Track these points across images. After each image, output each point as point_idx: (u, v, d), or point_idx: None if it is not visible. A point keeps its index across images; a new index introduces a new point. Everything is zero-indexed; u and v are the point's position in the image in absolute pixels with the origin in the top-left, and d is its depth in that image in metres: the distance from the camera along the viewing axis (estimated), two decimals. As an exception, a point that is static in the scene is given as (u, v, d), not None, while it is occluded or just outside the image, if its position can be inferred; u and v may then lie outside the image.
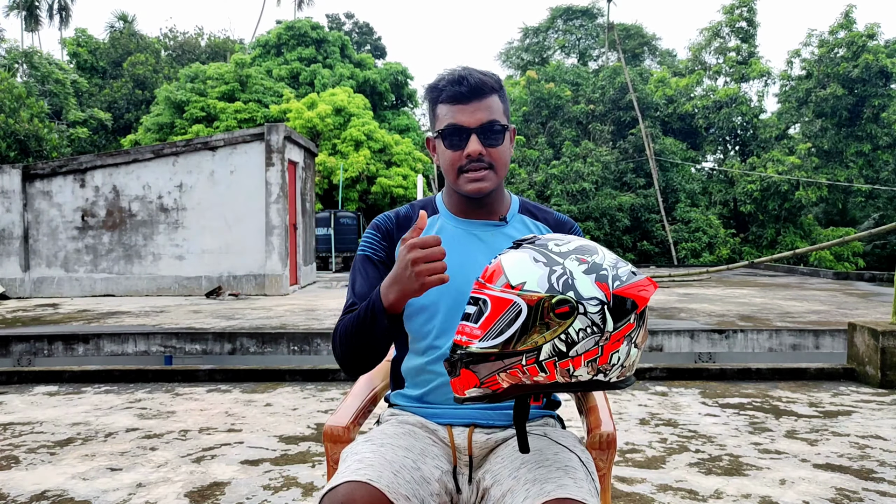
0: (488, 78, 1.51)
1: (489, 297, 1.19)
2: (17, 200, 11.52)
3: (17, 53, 26.47)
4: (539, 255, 1.22)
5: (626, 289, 1.18)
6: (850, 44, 22.36)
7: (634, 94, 23.94)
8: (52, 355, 6.67)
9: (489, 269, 1.23)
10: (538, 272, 1.18)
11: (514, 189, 22.82)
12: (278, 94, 24.64)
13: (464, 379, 1.21)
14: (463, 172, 1.51)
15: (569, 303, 1.15)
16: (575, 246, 1.24)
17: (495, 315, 1.18)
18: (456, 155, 1.51)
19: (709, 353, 6.57)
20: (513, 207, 1.64)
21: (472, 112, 1.48)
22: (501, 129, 1.51)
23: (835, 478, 3.14)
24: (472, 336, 1.19)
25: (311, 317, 8.24)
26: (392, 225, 1.62)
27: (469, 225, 1.59)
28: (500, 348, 1.17)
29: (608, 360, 1.18)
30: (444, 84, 1.51)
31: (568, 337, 1.15)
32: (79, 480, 3.15)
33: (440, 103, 1.52)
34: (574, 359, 1.16)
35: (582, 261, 1.20)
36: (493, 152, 1.50)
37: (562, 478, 1.30)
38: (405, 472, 1.33)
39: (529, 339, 1.16)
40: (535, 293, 1.16)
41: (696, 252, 22.13)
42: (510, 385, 1.20)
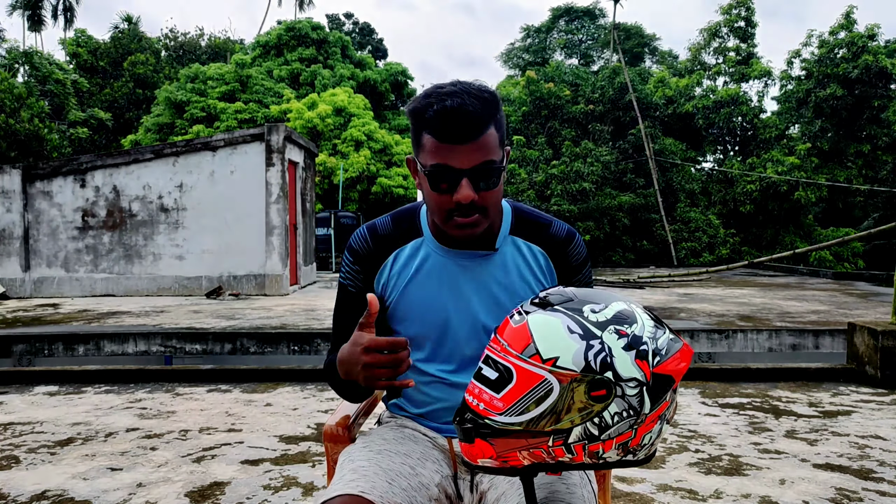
0: (484, 106, 1.27)
1: (515, 368, 1.06)
2: (17, 200, 11.52)
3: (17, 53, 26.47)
4: (574, 323, 1.07)
5: (667, 364, 1.08)
6: (851, 44, 22.35)
7: (634, 94, 23.94)
8: (53, 355, 6.67)
9: (511, 330, 1.10)
10: (573, 346, 1.05)
11: (514, 189, 22.83)
12: (279, 94, 24.65)
13: (478, 448, 1.11)
14: (451, 217, 1.32)
15: (606, 385, 1.05)
16: (613, 314, 1.10)
17: (522, 389, 1.06)
18: (444, 199, 1.31)
19: (709, 353, 6.58)
20: (503, 229, 1.46)
21: (464, 153, 1.27)
22: (498, 170, 1.31)
23: (834, 478, 3.14)
24: (493, 407, 1.07)
25: (311, 317, 8.24)
26: (368, 247, 1.48)
27: (456, 255, 1.45)
28: (525, 426, 1.06)
29: (640, 441, 1.10)
30: (431, 114, 1.27)
31: (602, 421, 1.06)
32: (79, 480, 3.15)
33: (426, 132, 1.29)
34: (605, 442, 1.08)
35: (621, 334, 1.07)
36: (486, 196, 1.31)
37: (554, 483, 1.30)
38: (401, 480, 1.33)
39: (559, 420, 1.06)
40: (570, 371, 1.04)
41: (695, 252, 22.13)
42: (531, 463, 1.11)
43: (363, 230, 1.50)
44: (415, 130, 1.34)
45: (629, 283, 13.64)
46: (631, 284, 13.41)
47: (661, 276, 15.01)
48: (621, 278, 14.58)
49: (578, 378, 1.04)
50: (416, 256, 1.46)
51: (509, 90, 27.86)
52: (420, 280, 1.45)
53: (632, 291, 12.04)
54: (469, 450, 1.12)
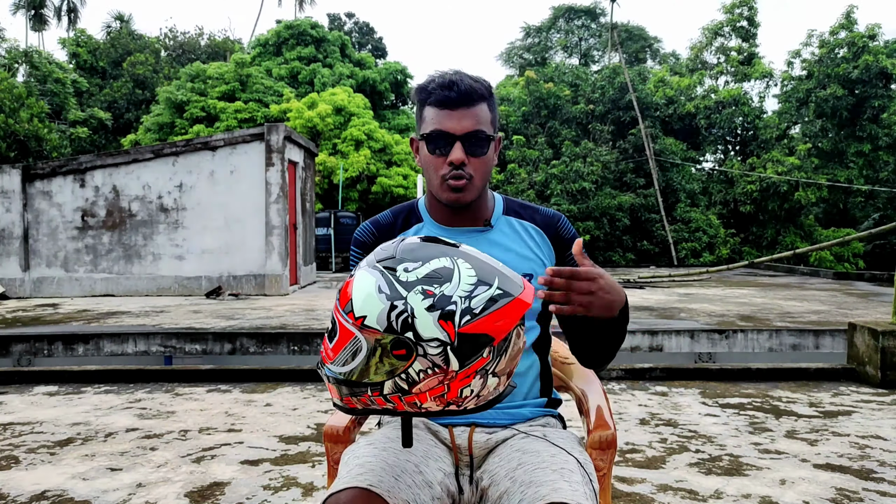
0: (479, 85, 1.48)
1: (338, 323, 1.14)
2: (17, 200, 11.51)
3: (17, 53, 26.47)
4: (385, 282, 1.12)
5: (479, 323, 1.09)
6: (851, 44, 22.35)
7: (634, 93, 23.94)
8: (52, 355, 6.67)
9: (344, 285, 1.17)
10: (379, 307, 1.10)
11: (514, 189, 22.82)
12: (278, 93, 24.64)
13: (330, 387, 1.19)
14: (444, 180, 1.48)
15: (406, 344, 1.09)
16: (426, 272, 1.12)
17: (342, 343, 1.13)
18: (438, 161, 1.48)
19: (709, 353, 6.57)
20: (497, 210, 1.60)
21: (458, 119, 1.46)
22: (487, 138, 1.48)
23: (835, 478, 3.14)
24: (328, 356, 1.16)
25: (311, 317, 8.24)
26: (372, 236, 1.60)
27: (452, 233, 1.55)
28: (346, 377, 1.14)
29: (458, 394, 1.13)
30: (433, 87, 1.48)
31: (408, 377, 1.10)
32: (79, 480, 3.15)
33: (427, 106, 1.49)
34: (419, 395, 1.12)
35: (428, 293, 1.10)
36: (475, 162, 1.48)
37: (557, 481, 1.30)
38: (406, 477, 1.34)
39: (370, 375, 1.12)
40: (374, 329, 1.09)
41: (696, 252, 22.13)
42: (363, 407, 1.18)
43: (367, 224, 1.63)
44: (419, 108, 1.53)
45: (629, 283, 13.64)
46: (631, 284, 13.41)
47: (662, 276, 15.01)
48: (621, 278, 14.58)
49: (381, 337, 1.09)
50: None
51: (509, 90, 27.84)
52: None
53: (632, 291, 12.04)
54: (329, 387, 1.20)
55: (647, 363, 5.59)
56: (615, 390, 4.94)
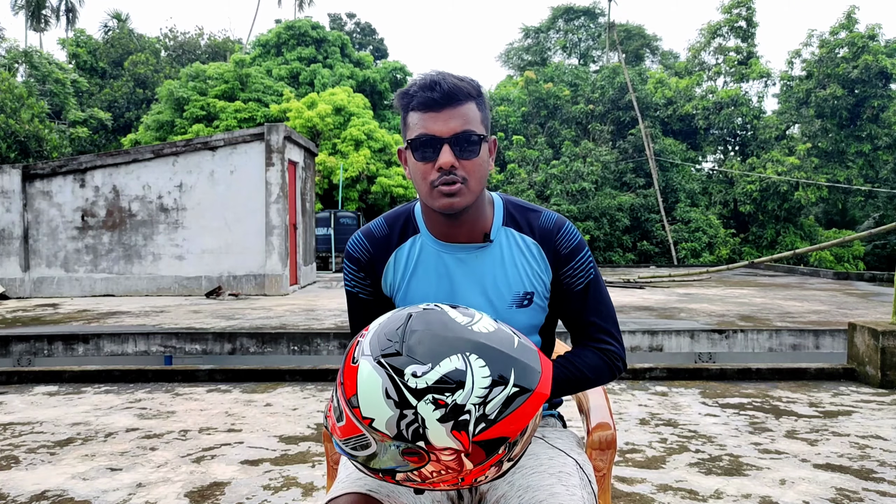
0: (465, 84, 1.38)
1: (345, 414, 1.10)
2: (17, 200, 11.51)
3: (17, 53, 26.46)
4: (392, 387, 1.05)
5: (495, 429, 1.06)
6: (851, 44, 22.35)
7: (634, 94, 23.94)
8: (52, 355, 6.67)
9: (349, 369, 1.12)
10: (387, 413, 1.05)
11: (514, 189, 22.82)
12: (278, 93, 24.64)
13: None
14: (434, 187, 1.37)
15: (418, 453, 1.06)
16: (437, 378, 1.05)
17: (348, 433, 1.11)
18: (427, 167, 1.37)
19: (709, 353, 6.57)
20: (496, 221, 1.49)
21: (444, 120, 1.35)
22: (477, 139, 1.37)
23: (835, 478, 3.14)
24: (335, 432, 1.14)
25: (311, 317, 8.24)
26: (370, 254, 1.50)
27: (452, 248, 1.46)
28: (355, 459, 1.14)
29: (472, 481, 1.13)
30: (414, 90, 1.38)
31: (420, 474, 1.10)
32: (79, 480, 3.15)
33: (411, 111, 1.39)
34: (433, 483, 1.12)
35: (440, 403, 1.04)
36: (467, 165, 1.36)
37: (554, 486, 1.29)
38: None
39: (381, 465, 1.11)
40: (384, 434, 1.06)
41: (696, 252, 22.13)
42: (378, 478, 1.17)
43: (359, 236, 1.52)
44: (402, 115, 1.43)
45: (629, 283, 13.64)
46: (631, 284, 13.41)
47: (661, 276, 15.01)
48: (621, 278, 14.58)
49: (391, 441, 1.07)
50: (414, 253, 1.49)
51: (509, 90, 27.85)
52: (419, 275, 1.48)
53: (632, 291, 12.04)
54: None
55: (647, 363, 5.59)
56: (615, 390, 4.94)
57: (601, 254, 22.32)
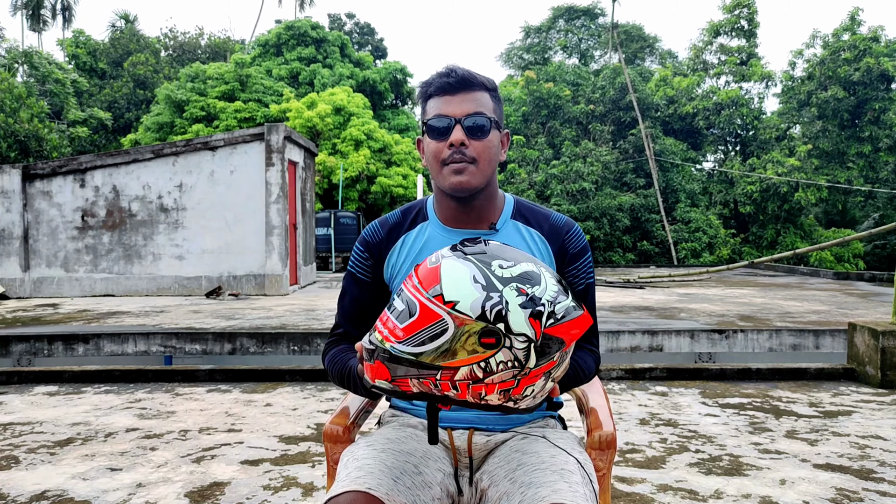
0: (481, 76, 1.49)
1: (419, 303, 1.14)
2: (17, 200, 11.51)
3: (16, 53, 26.47)
4: (480, 274, 1.15)
5: (559, 328, 1.15)
6: (853, 47, 22.36)
7: (634, 94, 23.94)
8: (52, 355, 6.67)
9: (426, 269, 1.18)
10: (474, 295, 1.12)
11: (514, 189, 22.81)
12: (278, 93, 24.64)
13: (377, 369, 1.18)
14: (445, 165, 1.45)
15: (496, 335, 1.12)
16: (520, 272, 1.17)
17: (421, 324, 1.13)
18: (440, 146, 1.45)
19: (709, 353, 6.57)
20: (505, 212, 1.55)
21: (458, 103, 1.44)
22: (488, 121, 1.45)
23: (835, 478, 3.14)
24: (394, 335, 1.15)
25: (311, 317, 8.24)
26: (381, 237, 1.57)
27: (457, 234, 1.52)
28: (418, 357, 1.14)
29: (521, 391, 1.17)
30: (433, 77, 1.49)
31: (487, 366, 1.13)
32: (79, 480, 3.15)
33: (429, 98, 1.49)
34: (488, 385, 1.15)
35: (521, 292, 1.14)
36: (476, 145, 1.44)
37: (557, 482, 1.30)
38: (406, 478, 1.34)
39: (449, 358, 1.13)
40: (466, 316, 1.11)
41: (696, 252, 22.13)
42: (419, 391, 1.18)
43: (375, 223, 1.61)
44: (422, 104, 1.52)
45: (629, 283, 13.64)
46: (631, 284, 13.40)
47: (662, 276, 15.00)
48: (621, 278, 14.57)
49: (472, 324, 1.12)
50: (420, 238, 1.56)
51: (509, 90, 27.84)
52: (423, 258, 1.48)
53: (632, 291, 12.04)
54: (370, 369, 1.20)
55: (647, 363, 5.59)
56: (615, 390, 4.94)
57: (601, 254, 22.32)
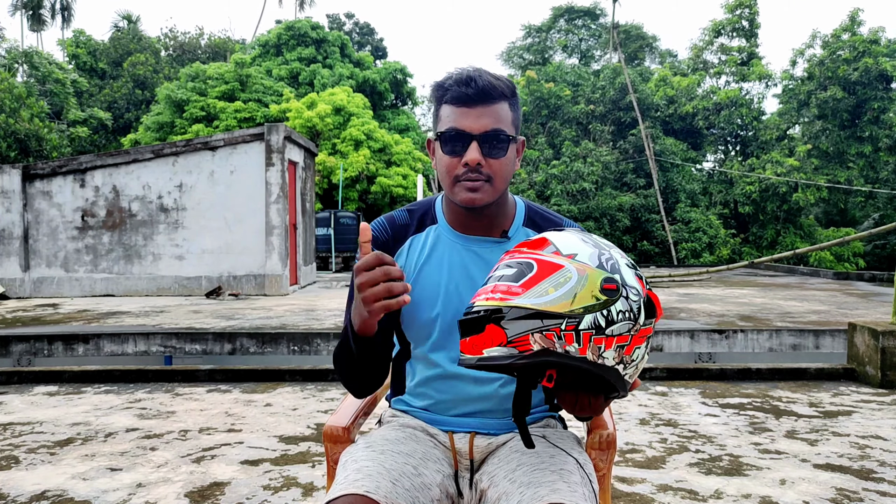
0: (500, 83, 1.40)
1: (536, 261, 1.18)
2: (17, 200, 11.51)
3: (16, 53, 26.48)
4: (587, 238, 1.25)
5: (653, 295, 1.22)
6: (852, 47, 22.37)
7: (634, 94, 23.94)
8: (52, 355, 6.67)
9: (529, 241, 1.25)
10: (588, 250, 1.20)
11: (514, 189, 22.82)
12: (278, 93, 24.65)
13: (487, 336, 1.14)
14: (458, 181, 1.39)
15: (616, 282, 1.17)
16: (615, 247, 1.27)
17: (543, 276, 1.16)
18: (453, 161, 1.39)
19: (709, 353, 6.57)
20: (517, 220, 1.52)
21: (476, 117, 1.37)
22: (507, 139, 1.39)
23: (835, 478, 3.14)
24: (511, 293, 1.15)
25: (311, 317, 8.24)
26: (387, 235, 1.53)
27: (468, 240, 1.49)
28: (543, 306, 1.13)
29: (632, 352, 1.19)
30: (450, 83, 1.40)
31: (609, 314, 1.15)
32: (79, 480, 3.15)
33: (444, 103, 1.41)
34: (608, 339, 1.15)
35: (623, 256, 1.24)
36: (493, 164, 1.38)
37: (556, 482, 1.30)
38: (405, 480, 1.33)
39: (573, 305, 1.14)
40: (587, 265, 1.17)
41: (696, 252, 22.13)
42: (541, 348, 1.14)
43: (381, 220, 1.56)
44: (435, 106, 1.45)
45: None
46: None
47: (661, 276, 15.01)
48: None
49: (593, 270, 1.17)
50: (428, 241, 1.51)
51: (509, 90, 27.81)
52: (433, 264, 1.49)
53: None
54: (476, 342, 1.16)
55: (648, 363, 5.59)
56: (615, 390, 4.93)
57: (601, 254, 22.31)
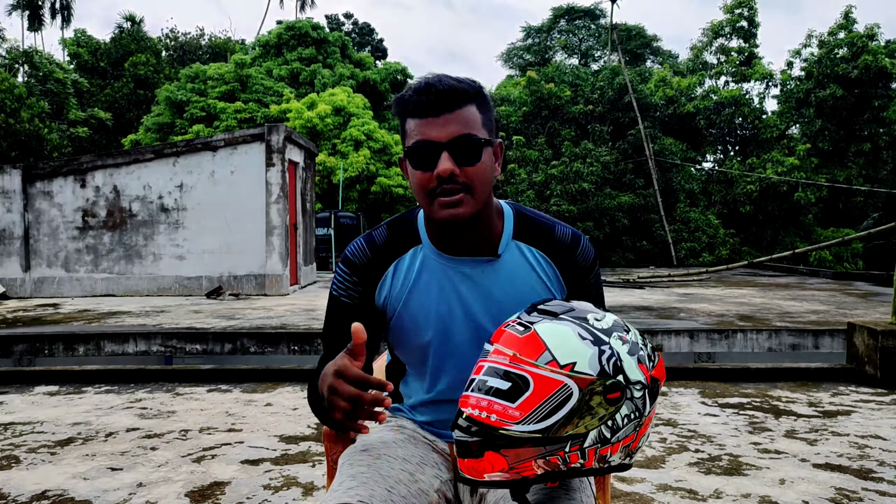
0: (463, 85, 1.29)
1: (532, 375, 1.07)
2: (17, 200, 11.52)
3: (17, 53, 26.48)
4: (584, 330, 1.11)
5: (657, 370, 1.16)
6: (850, 45, 22.35)
7: (634, 94, 23.92)
8: (53, 355, 6.67)
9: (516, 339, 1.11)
10: (588, 352, 1.09)
11: (514, 189, 22.81)
12: (278, 94, 24.65)
13: (486, 462, 1.08)
14: (434, 197, 1.28)
15: (620, 388, 1.09)
16: (612, 322, 1.16)
17: (541, 396, 1.06)
18: (425, 176, 1.28)
19: (708, 353, 6.58)
20: (505, 233, 1.40)
21: (442, 126, 1.26)
22: (478, 143, 1.28)
23: (834, 477, 3.14)
24: (509, 417, 1.06)
25: (311, 317, 8.24)
26: (365, 258, 1.41)
27: (456, 262, 1.39)
28: (545, 433, 1.06)
29: (638, 443, 1.15)
30: (409, 94, 1.29)
31: (614, 423, 1.09)
32: (79, 480, 3.15)
33: (408, 119, 1.30)
34: (613, 445, 1.11)
35: (623, 340, 1.13)
36: (469, 171, 1.27)
37: (553, 489, 1.29)
38: (400, 487, 1.31)
39: (576, 426, 1.07)
40: (587, 375, 1.07)
41: (695, 252, 22.12)
42: (545, 472, 1.10)
43: (360, 242, 1.44)
44: (400, 123, 1.35)
45: (629, 283, 13.64)
46: (631, 284, 13.41)
47: (661, 276, 15.01)
48: (621, 278, 14.57)
49: (595, 382, 1.08)
50: (415, 265, 1.41)
51: (510, 90, 27.85)
52: (420, 289, 1.40)
53: (631, 291, 12.04)
54: (475, 465, 1.10)
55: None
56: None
57: (601, 254, 22.31)
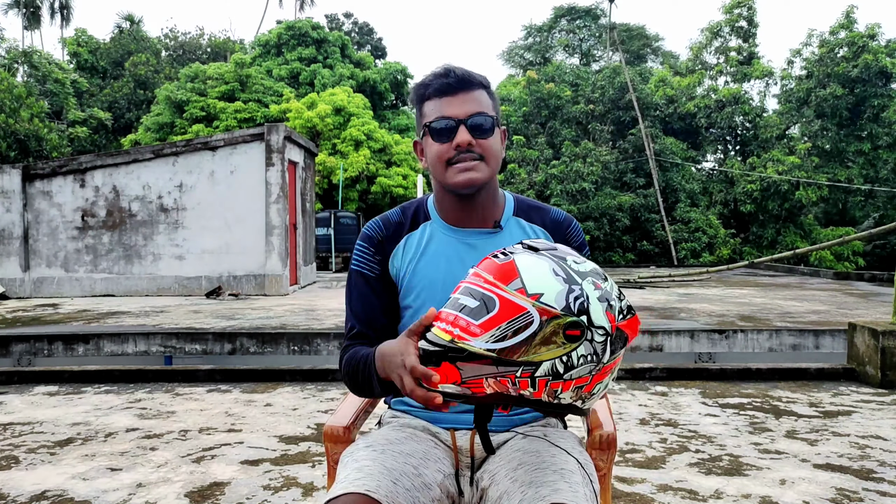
0: (476, 73, 1.50)
1: (499, 298, 1.11)
2: (17, 200, 11.51)
3: (16, 53, 26.47)
4: (559, 268, 1.15)
5: (627, 324, 1.17)
6: (851, 44, 22.35)
7: (634, 93, 23.92)
8: (52, 355, 6.67)
9: (496, 265, 1.16)
10: (557, 287, 1.12)
11: (515, 189, 22.80)
12: (278, 93, 24.64)
13: (442, 372, 1.12)
14: (451, 164, 1.45)
15: (580, 327, 1.11)
16: (591, 268, 1.19)
17: (503, 318, 1.10)
18: (444, 147, 1.46)
19: (709, 353, 6.57)
20: (507, 210, 1.57)
21: (460, 104, 1.45)
22: (491, 120, 1.47)
23: (835, 478, 3.14)
24: (470, 332, 1.10)
25: (311, 317, 8.24)
26: (383, 234, 1.56)
27: (462, 233, 1.53)
28: (499, 354, 1.09)
29: (592, 389, 1.16)
30: (430, 79, 1.49)
31: (569, 360, 1.11)
32: (79, 480, 3.15)
33: (427, 100, 1.49)
34: (566, 382, 1.13)
35: (597, 286, 1.16)
36: (483, 143, 1.46)
37: (557, 482, 1.30)
38: (405, 480, 1.33)
39: (532, 353, 1.10)
40: (552, 308, 1.10)
41: (696, 252, 22.11)
42: (494, 392, 1.13)
43: (376, 220, 1.60)
44: (418, 106, 1.52)
45: (629, 283, 13.64)
46: (631, 284, 13.40)
47: (661, 276, 15.00)
48: (621, 278, 14.57)
49: (558, 316, 1.10)
50: (424, 237, 1.55)
51: (510, 90, 27.84)
52: (428, 258, 1.53)
53: (632, 291, 12.04)
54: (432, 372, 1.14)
55: (647, 363, 5.59)
56: (615, 390, 4.94)
57: (601, 254, 22.30)
